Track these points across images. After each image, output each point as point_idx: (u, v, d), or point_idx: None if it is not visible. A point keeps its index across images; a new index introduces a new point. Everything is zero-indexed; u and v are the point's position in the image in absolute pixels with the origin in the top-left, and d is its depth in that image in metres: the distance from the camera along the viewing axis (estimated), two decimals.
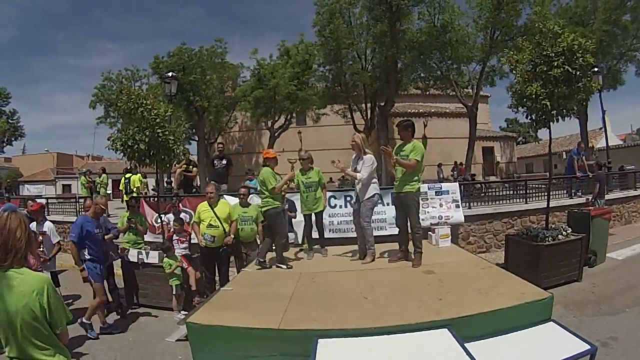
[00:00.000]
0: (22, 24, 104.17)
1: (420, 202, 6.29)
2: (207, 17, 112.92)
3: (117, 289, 7.71)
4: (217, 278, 7.51)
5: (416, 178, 5.80)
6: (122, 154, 8.40)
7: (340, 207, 10.17)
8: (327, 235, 7.27)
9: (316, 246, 7.02)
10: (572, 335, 3.32)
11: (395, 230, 6.33)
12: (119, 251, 8.07)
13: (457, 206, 9.94)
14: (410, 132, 5.93)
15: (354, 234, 6.66)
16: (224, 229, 7.24)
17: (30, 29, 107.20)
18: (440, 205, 9.83)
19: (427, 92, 24.78)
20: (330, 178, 22.18)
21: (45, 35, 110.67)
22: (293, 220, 9.08)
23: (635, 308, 6.53)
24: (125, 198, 13.63)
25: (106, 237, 7.21)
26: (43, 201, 15.80)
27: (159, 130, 8.07)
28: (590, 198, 11.96)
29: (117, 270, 8.07)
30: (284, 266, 5.92)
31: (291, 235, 8.56)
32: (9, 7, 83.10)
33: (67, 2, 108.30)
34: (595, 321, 6.09)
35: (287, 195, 8.33)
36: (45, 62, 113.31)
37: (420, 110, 29.55)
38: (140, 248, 8.15)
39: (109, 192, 15.42)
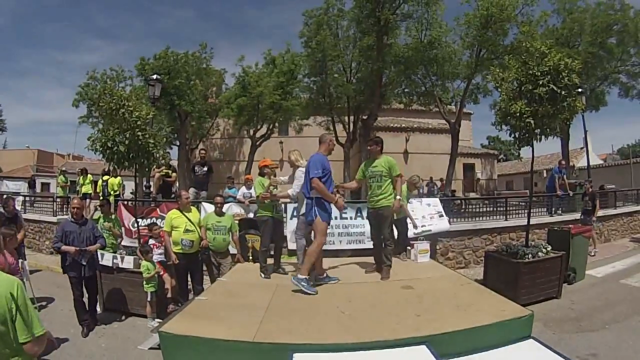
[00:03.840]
0: (11, 12, 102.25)
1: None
2: (198, 21, 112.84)
3: (97, 301, 7.34)
4: (190, 286, 7.41)
5: (392, 192, 6.01)
6: (101, 155, 8.23)
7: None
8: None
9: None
10: (552, 352, 3.26)
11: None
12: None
13: (441, 216, 9.95)
14: (380, 148, 6.20)
15: (333, 247, 6.63)
16: (199, 234, 7.24)
17: (18, 17, 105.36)
18: (423, 217, 9.82)
19: (410, 107, 24.94)
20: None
21: (34, 26, 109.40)
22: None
23: (614, 325, 6.57)
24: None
25: (92, 247, 6.88)
26: (20, 198, 15.58)
27: (139, 133, 7.91)
28: (592, 218, 12.10)
29: None
30: (262, 275, 5.89)
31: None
32: None
33: None
34: (575, 338, 6.09)
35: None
36: (32, 54, 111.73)
37: (403, 125, 29.73)
38: (115, 252, 7.98)
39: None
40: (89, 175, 15.18)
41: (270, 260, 6.36)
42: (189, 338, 3.41)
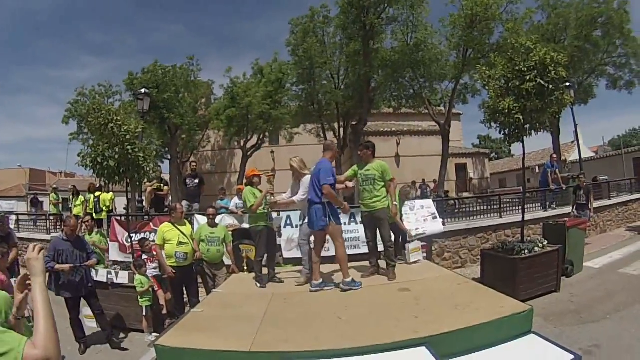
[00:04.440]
0: (3, 29, 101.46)
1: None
2: (189, 34, 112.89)
3: (104, 315, 7.10)
4: (185, 299, 7.32)
5: (386, 195, 6.07)
6: (91, 170, 8.17)
7: None
8: (298, 254, 7.18)
9: None
10: (554, 346, 3.23)
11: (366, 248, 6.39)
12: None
13: (434, 217, 9.90)
14: (372, 152, 6.22)
15: (328, 253, 6.55)
16: (192, 246, 7.16)
17: (9, 33, 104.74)
18: (417, 220, 9.76)
19: (400, 111, 24.91)
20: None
21: (26, 42, 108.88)
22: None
23: (616, 315, 6.58)
24: (95, 217, 13.16)
25: (89, 262, 6.82)
26: (14, 217, 15.50)
27: (128, 147, 7.87)
28: (590, 213, 12.23)
29: None
30: (258, 284, 5.83)
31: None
32: None
33: (50, 10, 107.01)
34: (576, 330, 6.08)
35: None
36: (24, 71, 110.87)
37: (393, 129, 29.79)
38: (105, 267, 7.92)
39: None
40: (80, 197, 15.02)
41: (265, 270, 6.31)
42: (185, 351, 3.37)
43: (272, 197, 6.67)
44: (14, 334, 1.61)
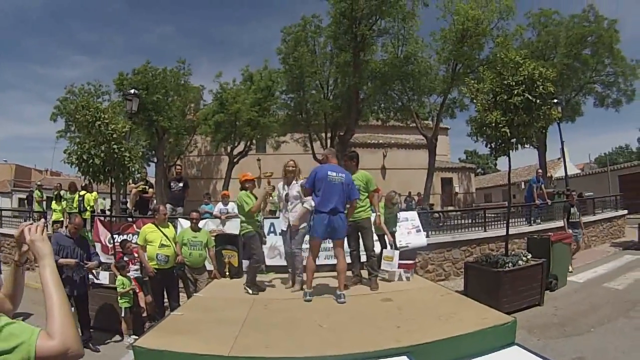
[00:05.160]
0: None
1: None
2: (179, 37, 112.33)
3: (89, 322, 7.01)
4: (166, 303, 7.23)
5: (370, 205, 6.17)
6: (77, 168, 8.08)
7: None
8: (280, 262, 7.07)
9: None
10: (538, 357, 3.20)
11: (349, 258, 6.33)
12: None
13: (418, 231, 9.87)
14: (355, 163, 6.31)
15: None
16: (174, 249, 7.07)
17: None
18: (401, 233, 9.73)
19: (388, 124, 24.99)
20: None
21: (15, 38, 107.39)
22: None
23: (600, 328, 6.58)
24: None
25: (91, 264, 6.79)
26: None
27: (115, 146, 7.83)
28: (582, 229, 12.33)
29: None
30: (250, 290, 5.71)
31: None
32: None
33: (40, 8, 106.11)
34: (561, 343, 6.08)
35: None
36: (12, 67, 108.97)
37: (380, 141, 29.93)
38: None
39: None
40: (63, 202, 14.71)
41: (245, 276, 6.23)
42: (163, 353, 3.30)
43: (272, 197, 6.60)
44: (22, 324, 1.40)
